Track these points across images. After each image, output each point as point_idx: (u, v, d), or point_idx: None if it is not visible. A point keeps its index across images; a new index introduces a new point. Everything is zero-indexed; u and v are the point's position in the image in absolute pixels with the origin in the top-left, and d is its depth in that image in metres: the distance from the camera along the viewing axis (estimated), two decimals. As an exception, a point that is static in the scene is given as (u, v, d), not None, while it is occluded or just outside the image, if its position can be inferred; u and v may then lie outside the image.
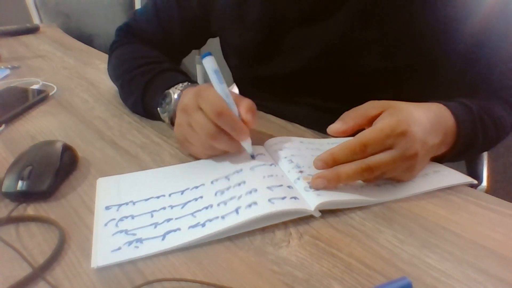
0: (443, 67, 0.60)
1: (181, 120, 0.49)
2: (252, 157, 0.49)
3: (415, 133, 0.43)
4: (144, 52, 0.72)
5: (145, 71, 0.64)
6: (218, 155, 0.50)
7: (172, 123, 0.58)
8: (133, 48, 0.74)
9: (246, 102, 0.48)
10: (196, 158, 0.52)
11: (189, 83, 0.58)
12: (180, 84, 0.57)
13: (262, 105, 0.72)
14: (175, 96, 0.56)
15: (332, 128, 0.47)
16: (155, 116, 0.61)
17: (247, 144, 0.48)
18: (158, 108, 0.59)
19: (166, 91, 0.57)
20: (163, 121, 0.60)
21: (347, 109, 0.48)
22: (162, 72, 0.62)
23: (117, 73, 0.71)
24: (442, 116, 0.49)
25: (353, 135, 0.45)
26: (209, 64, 0.48)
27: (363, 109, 0.47)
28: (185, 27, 0.73)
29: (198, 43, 0.78)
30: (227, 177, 0.46)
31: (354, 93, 0.60)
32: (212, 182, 0.46)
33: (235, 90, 0.83)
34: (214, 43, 0.78)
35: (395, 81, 0.60)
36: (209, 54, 0.48)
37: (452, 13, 0.55)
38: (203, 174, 0.48)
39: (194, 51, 0.81)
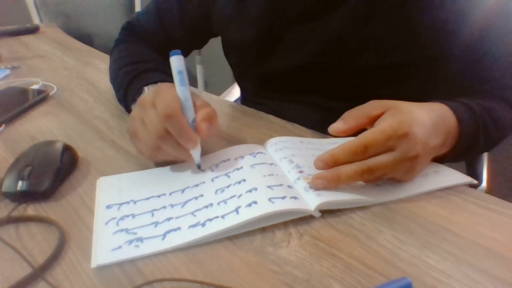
0: (444, 65, 0.60)
1: (135, 114, 0.48)
2: (198, 167, 0.48)
3: (417, 134, 0.43)
4: (136, 51, 0.73)
5: (130, 70, 0.65)
6: (161, 160, 0.49)
7: None
8: (128, 47, 0.75)
9: (206, 110, 0.47)
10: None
11: (167, 83, 0.57)
12: (159, 83, 0.56)
13: (263, 103, 0.72)
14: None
15: (333, 127, 0.46)
16: None
17: (195, 153, 0.47)
18: (132, 105, 0.59)
19: (143, 87, 0.58)
20: None
21: (347, 107, 0.48)
22: (145, 71, 0.63)
23: (110, 71, 0.73)
24: (444, 116, 0.49)
25: (354, 135, 0.45)
26: (174, 64, 0.46)
27: (364, 109, 0.47)
28: (186, 26, 0.73)
29: (199, 43, 0.79)
30: (227, 175, 0.46)
31: (354, 90, 0.60)
32: (212, 180, 0.46)
33: (237, 89, 0.84)
34: (215, 43, 0.78)
35: (395, 78, 0.60)
36: (178, 53, 0.47)
37: (451, 11, 0.55)
38: (203, 171, 0.48)
39: (194, 52, 0.81)
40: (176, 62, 0.46)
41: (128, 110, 0.63)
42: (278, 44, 0.65)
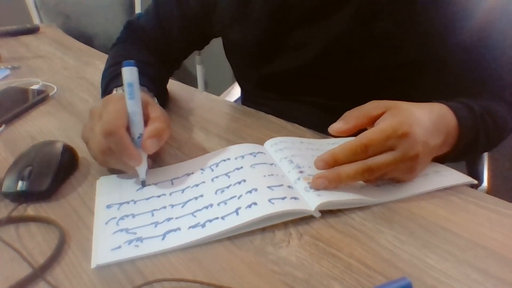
0: (447, 64, 0.60)
1: (86, 123, 0.48)
2: (143, 184, 0.46)
3: (417, 134, 0.43)
4: (126, 52, 0.73)
5: (111, 71, 0.64)
6: (112, 167, 0.49)
7: None
8: (123, 47, 0.75)
9: (155, 126, 0.46)
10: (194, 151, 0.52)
11: (141, 86, 0.56)
12: (112, 94, 0.56)
13: (265, 104, 0.72)
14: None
15: (333, 127, 0.47)
16: None
17: (139, 169, 0.45)
18: None
19: (111, 90, 0.57)
20: None
21: (349, 107, 0.48)
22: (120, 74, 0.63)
23: (104, 69, 0.72)
24: (444, 116, 0.49)
25: (354, 135, 0.45)
26: (125, 75, 0.45)
27: (365, 109, 0.47)
28: (184, 26, 0.72)
29: (198, 43, 0.78)
30: (227, 175, 0.46)
31: (356, 91, 0.60)
32: (212, 180, 0.46)
33: (237, 89, 0.84)
34: (215, 43, 0.78)
35: (397, 78, 0.60)
36: (130, 64, 0.45)
37: (454, 11, 0.55)
38: (204, 171, 0.48)
39: (194, 52, 0.81)
40: (127, 74, 0.45)
41: None
42: (281, 45, 0.65)
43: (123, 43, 0.76)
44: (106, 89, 0.62)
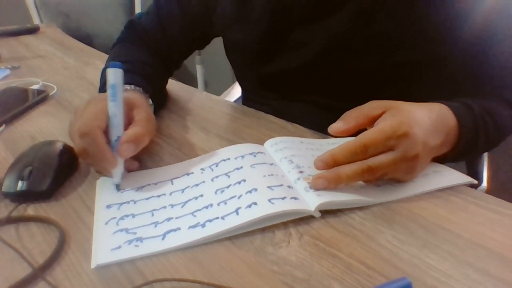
0: (447, 64, 0.60)
1: (71, 120, 0.49)
2: (117, 188, 0.46)
3: (417, 134, 0.43)
4: (126, 51, 0.73)
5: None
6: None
7: None
8: (123, 46, 0.75)
9: (133, 131, 0.46)
10: (193, 151, 0.52)
11: (135, 87, 0.57)
12: (98, 94, 0.58)
13: (266, 103, 0.72)
14: None
15: (333, 127, 0.47)
16: None
17: (114, 172, 0.45)
18: None
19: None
20: None
21: (350, 107, 0.48)
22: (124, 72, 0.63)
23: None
24: (444, 116, 0.49)
25: (354, 135, 0.45)
26: (108, 77, 0.45)
27: (364, 109, 0.47)
28: (185, 26, 0.73)
29: (199, 43, 0.78)
30: (227, 174, 0.46)
31: (357, 90, 0.60)
32: (212, 180, 0.46)
33: (237, 89, 0.84)
34: (215, 43, 0.78)
35: (398, 78, 0.60)
36: (116, 66, 0.45)
37: (455, 10, 0.55)
38: (204, 171, 0.48)
39: (194, 52, 0.81)
40: (111, 75, 0.45)
41: None
42: (281, 44, 0.65)
43: (124, 42, 0.76)
44: (101, 88, 0.62)
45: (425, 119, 0.45)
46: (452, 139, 0.49)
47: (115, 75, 0.45)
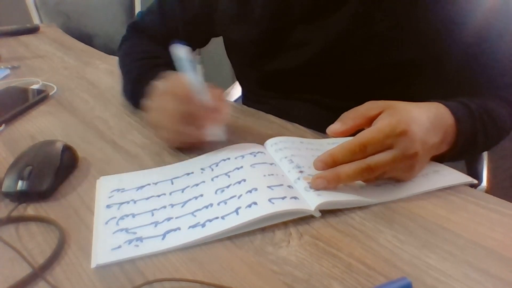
0: (446, 63, 0.60)
1: (153, 104, 0.51)
2: (222, 140, 0.51)
3: (415, 132, 0.43)
4: (145, 47, 0.74)
5: (140, 65, 0.67)
6: (185, 144, 0.52)
7: None
8: (137, 43, 0.76)
9: (218, 90, 0.51)
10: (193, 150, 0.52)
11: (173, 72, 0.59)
12: (167, 73, 0.58)
13: (265, 103, 0.72)
14: None
15: (331, 128, 0.47)
16: (142, 107, 0.62)
17: (216, 129, 0.50)
18: (141, 99, 0.59)
19: (153, 82, 0.58)
20: None
21: (350, 106, 0.48)
22: (154, 66, 0.64)
23: (120, 65, 0.74)
24: (441, 115, 0.49)
25: (353, 135, 0.45)
26: (181, 53, 0.49)
27: (362, 110, 0.47)
28: (187, 25, 0.73)
29: (201, 41, 0.79)
30: (227, 174, 0.46)
31: (357, 89, 0.60)
32: (212, 179, 0.46)
33: (237, 89, 0.84)
34: (215, 43, 0.78)
35: (397, 77, 0.60)
36: (180, 43, 0.49)
37: (454, 9, 0.55)
38: (204, 171, 0.48)
39: (194, 52, 0.82)
40: (182, 51, 0.49)
41: (136, 102, 0.65)
42: (281, 43, 0.65)
43: (133, 40, 0.78)
44: (139, 82, 0.63)
45: (423, 118, 0.45)
46: (450, 137, 0.50)
47: (185, 51, 0.49)
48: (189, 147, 0.53)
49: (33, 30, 1.31)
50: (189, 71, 0.49)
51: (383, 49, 0.59)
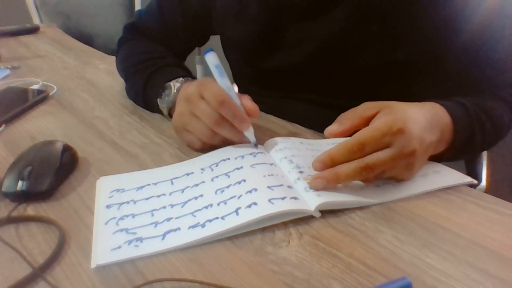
0: (444, 63, 0.60)
1: (183, 109, 0.51)
2: (255, 146, 0.51)
3: (412, 130, 0.43)
4: (149, 47, 0.74)
5: (149, 65, 0.67)
6: (211, 147, 0.52)
7: (170, 114, 0.61)
8: (139, 43, 0.77)
9: (247, 96, 0.52)
10: (194, 151, 0.54)
11: (190, 78, 0.61)
12: (181, 78, 0.60)
13: (262, 101, 0.72)
14: (175, 89, 0.59)
15: (329, 130, 0.47)
16: (154, 108, 0.64)
17: (249, 133, 0.51)
18: (158, 99, 0.61)
19: (167, 83, 0.60)
20: (161, 112, 0.62)
21: (349, 105, 0.48)
22: (164, 66, 0.65)
23: (124, 66, 0.74)
24: (437, 114, 0.49)
25: (351, 135, 0.45)
26: (211, 59, 0.51)
27: (359, 110, 0.47)
28: (187, 24, 0.74)
29: (200, 40, 0.79)
30: (227, 174, 0.46)
31: (354, 88, 0.60)
32: (212, 180, 0.46)
33: (235, 87, 0.84)
34: (214, 40, 0.78)
35: (396, 76, 0.60)
36: (211, 50, 0.51)
37: (453, 9, 0.55)
38: (204, 171, 0.48)
39: (194, 52, 0.82)
40: (212, 57, 0.51)
41: (147, 103, 0.65)
42: (278, 41, 0.65)
43: (133, 41, 0.78)
44: (149, 82, 0.64)
45: (419, 116, 0.45)
46: (447, 136, 0.50)
47: (214, 57, 0.51)
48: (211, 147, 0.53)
49: (33, 30, 1.31)
50: (221, 76, 0.51)
51: (380, 48, 0.59)
